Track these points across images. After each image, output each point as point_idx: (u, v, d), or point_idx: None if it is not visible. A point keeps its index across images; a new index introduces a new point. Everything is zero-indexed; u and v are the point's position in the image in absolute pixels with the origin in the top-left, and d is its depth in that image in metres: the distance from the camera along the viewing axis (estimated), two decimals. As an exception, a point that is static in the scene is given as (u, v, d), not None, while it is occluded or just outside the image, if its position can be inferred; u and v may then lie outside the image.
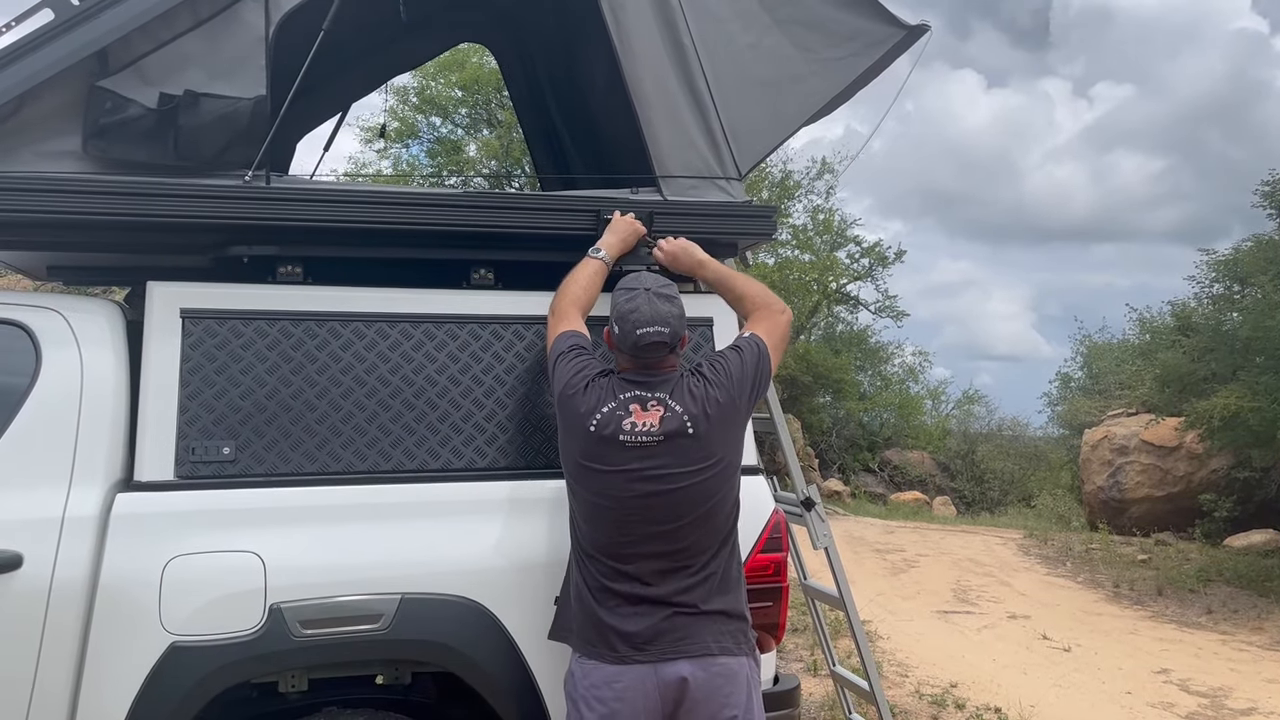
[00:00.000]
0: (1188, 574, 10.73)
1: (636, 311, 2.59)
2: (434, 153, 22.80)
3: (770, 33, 3.26)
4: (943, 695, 6.18)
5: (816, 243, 25.43)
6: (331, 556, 2.65)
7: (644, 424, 2.54)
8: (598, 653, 2.54)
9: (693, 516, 2.55)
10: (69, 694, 2.48)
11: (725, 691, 2.53)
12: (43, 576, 2.47)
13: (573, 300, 2.83)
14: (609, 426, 2.54)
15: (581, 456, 2.58)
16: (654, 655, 2.51)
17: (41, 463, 2.57)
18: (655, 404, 2.57)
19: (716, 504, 2.59)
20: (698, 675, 2.51)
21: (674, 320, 2.61)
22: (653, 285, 2.67)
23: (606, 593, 2.55)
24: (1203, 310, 13.01)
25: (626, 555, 2.55)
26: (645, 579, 2.54)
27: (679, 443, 2.54)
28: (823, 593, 4.04)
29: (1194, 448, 13.36)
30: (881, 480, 24.19)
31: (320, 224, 2.81)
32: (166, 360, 2.68)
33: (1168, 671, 7.14)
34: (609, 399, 2.58)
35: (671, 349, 2.63)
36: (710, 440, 2.57)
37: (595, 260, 2.92)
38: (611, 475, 2.54)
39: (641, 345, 2.59)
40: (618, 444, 2.53)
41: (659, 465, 2.53)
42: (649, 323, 2.58)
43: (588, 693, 2.53)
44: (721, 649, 2.54)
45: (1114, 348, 24.68)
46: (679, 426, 2.55)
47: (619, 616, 2.53)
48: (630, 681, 2.50)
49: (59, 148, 2.67)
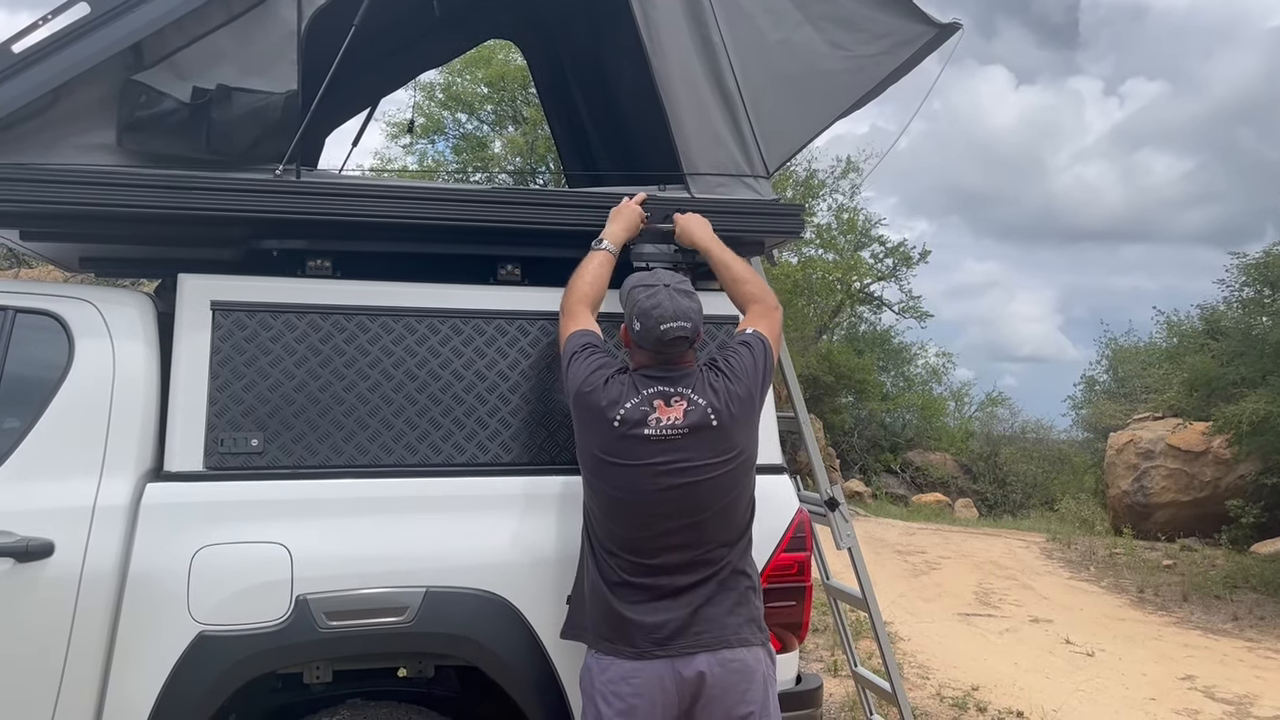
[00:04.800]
0: (1214, 580, 10.62)
1: (659, 308, 2.60)
2: (459, 149, 22.90)
3: (801, 29, 3.25)
4: (964, 698, 6.15)
5: (841, 242, 25.37)
6: (357, 549, 2.67)
7: (668, 418, 2.55)
8: (615, 648, 2.55)
9: (715, 510, 2.56)
10: (98, 681, 2.50)
11: (742, 688, 2.53)
12: (73, 565, 2.50)
13: (581, 297, 2.83)
14: (633, 422, 2.55)
15: (603, 452, 2.58)
16: (673, 650, 2.51)
17: (73, 452, 2.60)
18: (678, 398, 2.58)
19: (736, 497, 2.61)
20: (715, 671, 2.51)
21: (695, 315, 2.63)
22: (672, 282, 2.68)
23: (627, 587, 2.56)
24: (1232, 314, 12.89)
25: (648, 550, 2.55)
26: (667, 573, 2.55)
27: (703, 435, 2.56)
28: (845, 593, 4.04)
29: (1221, 453, 13.24)
30: (903, 481, 24.09)
31: (350, 218, 2.83)
32: (196, 352, 2.71)
33: (1192, 678, 7.07)
34: (631, 395, 2.58)
35: (692, 344, 2.65)
36: (732, 432, 2.59)
37: (600, 252, 2.91)
38: (635, 470, 2.54)
39: (665, 340, 2.59)
40: (642, 439, 2.54)
41: (683, 459, 2.54)
42: (673, 318, 2.59)
43: (605, 688, 2.53)
44: (740, 640, 2.56)
45: (1140, 351, 24.47)
46: (703, 419, 2.56)
47: (640, 611, 2.54)
48: (648, 677, 2.51)
49: (94, 141, 2.69)
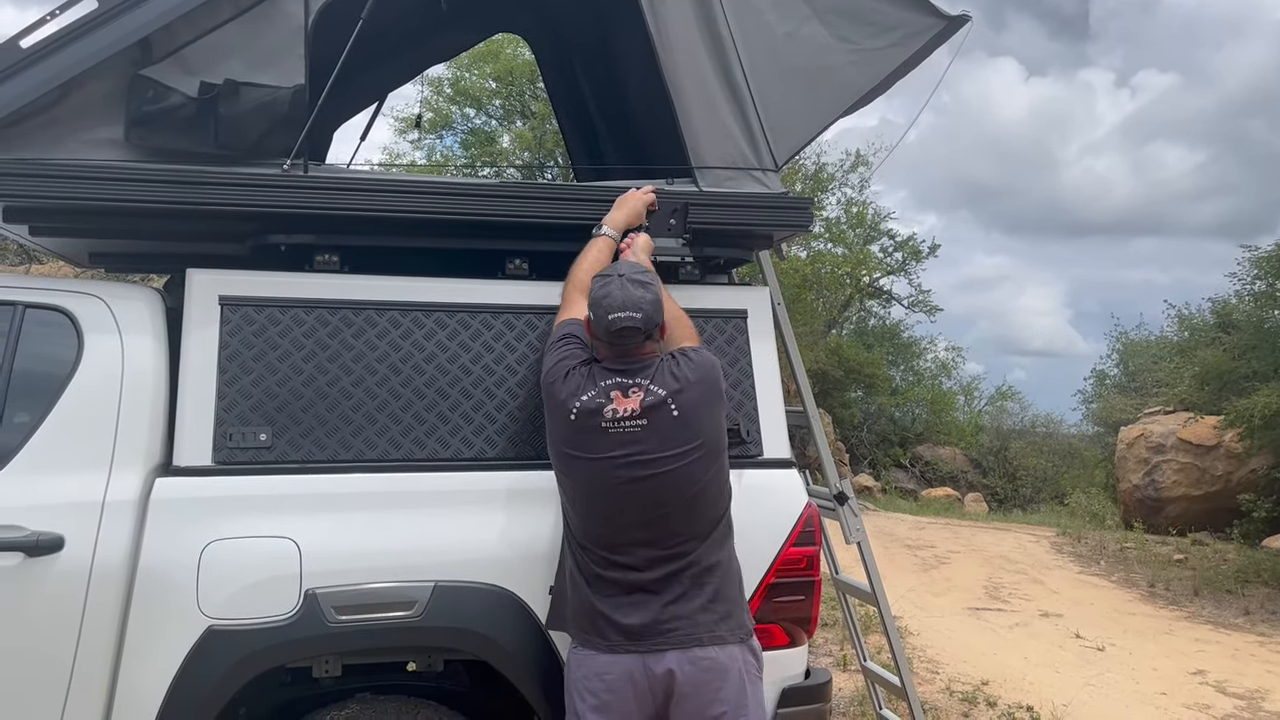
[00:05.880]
0: (1225, 574, 10.58)
1: (609, 297, 2.58)
2: (468, 144, 22.91)
3: (809, 23, 3.23)
4: (974, 692, 6.13)
5: (850, 236, 25.32)
6: (365, 543, 2.67)
7: (625, 409, 2.54)
8: (592, 641, 2.55)
9: (679, 502, 2.53)
10: (108, 675, 2.51)
11: (714, 686, 2.50)
12: (83, 559, 2.51)
13: (578, 285, 2.82)
14: (590, 414, 2.53)
15: (565, 445, 2.58)
16: (645, 646, 2.50)
17: (83, 447, 2.60)
18: (635, 389, 2.56)
19: (702, 489, 2.56)
20: (685, 669, 2.49)
21: (647, 305, 2.59)
22: (627, 272, 2.65)
23: (601, 581, 2.55)
24: (1244, 307, 12.83)
25: (617, 544, 2.54)
26: (636, 567, 2.53)
27: (661, 425, 2.53)
28: (854, 587, 4.03)
29: (1233, 447, 13.16)
30: (913, 476, 24.06)
31: (357, 213, 2.83)
32: (205, 347, 2.71)
33: (1204, 673, 7.04)
34: (589, 387, 2.57)
35: (647, 335, 2.61)
36: (692, 420, 2.56)
37: (600, 238, 2.90)
38: (595, 463, 2.53)
39: (613, 330, 2.57)
40: (600, 431, 2.53)
41: (642, 450, 2.51)
42: (620, 308, 2.56)
43: (580, 683, 2.54)
44: (713, 638, 2.52)
45: (1151, 345, 24.39)
46: (661, 407, 2.54)
47: (613, 605, 2.53)
48: (620, 672, 2.50)
49: (102, 136, 2.69)
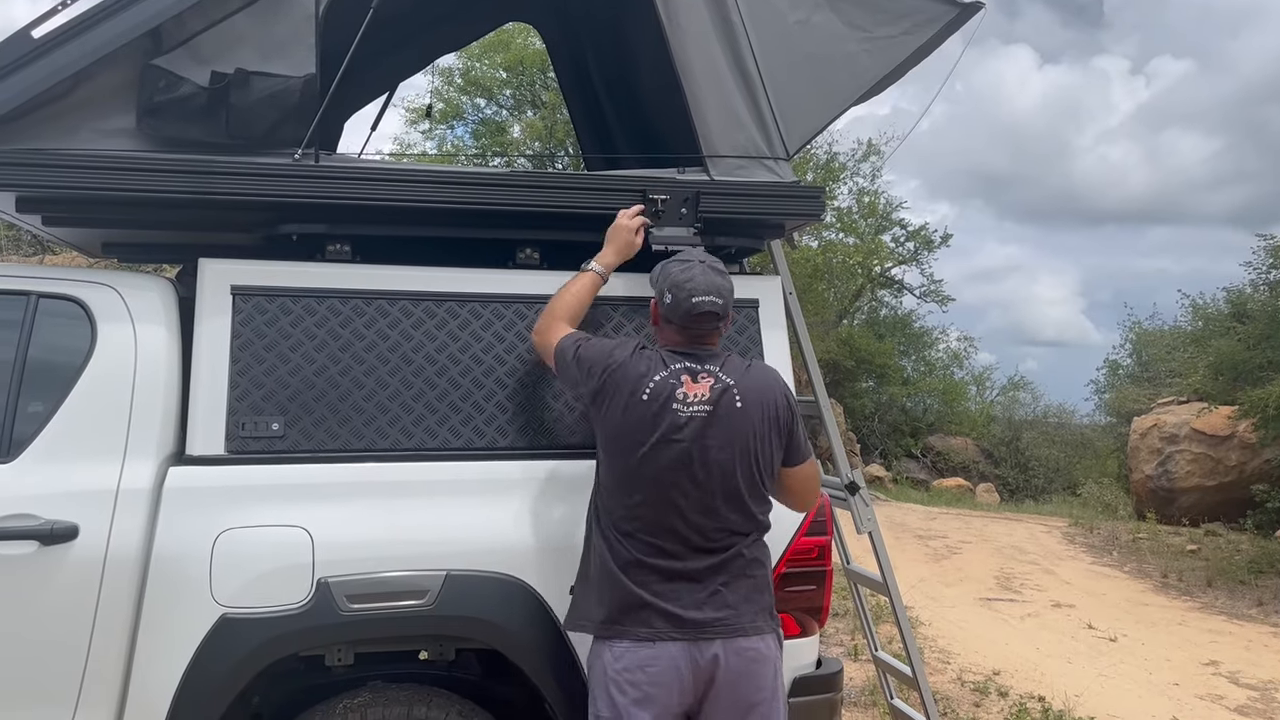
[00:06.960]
0: (1238, 565, 10.54)
1: (693, 280, 2.59)
2: (478, 133, 22.91)
3: (820, 10, 3.21)
4: (985, 683, 6.13)
5: (861, 225, 25.26)
6: (378, 532, 2.67)
7: (695, 394, 2.52)
8: (631, 632, 2.49)
9: (733, 491, 2.53)
10: (122, 663, 2.53)
11: (755, 677, 2.50)
12: (98, 547, 2.52)
13: (559, 315, 2.77)
14: (661, 395, 2.51)
15: (627, 425, 2.53)
16: (691, 635, 2.47)
17: (96, 436, 2.62)
18: (705, 375, 2.56)
19: (756, 479, 2.57)
20: (730, 659, 2.48)
21: (726, 293, 2.63)
22: (706, 259, 2.68)
23: (641, 568, 2.50)
24: (1259, 297, 12.74)
25: (665, 530, 2.50)
26: (680, 556, 2.51)
27: (726, 413, 2.52)
28: (866, 577, 4.02)
29: (1247, 437, 13.08)
30: (924, 466, 24.02)
31: (369, 202, 2.83)
32: (217, 336, 2.72)
33: (1217, 663, 7.03)
34: (659, 368, 2.56)
35: (720, 321, 2.63)
36: (754, 415, 2.56)
37: (587, 274, 2.86)
38: (658, 445, 2.49)
39: (695, 314, 2.58)
40: (670, 412, 2.50)
41: (706, 437, 2.50)
42: (705, 291, 2.58)
43: (619, 676, 2.48)
44: (754, 628, 2.52)
45: (1165, 335, 24.26)
46: (727, 395, 2.53)
47: (655, 592, 2.49)
48: (665, 663, 2.46)
49: (114, 125, 2.69)
